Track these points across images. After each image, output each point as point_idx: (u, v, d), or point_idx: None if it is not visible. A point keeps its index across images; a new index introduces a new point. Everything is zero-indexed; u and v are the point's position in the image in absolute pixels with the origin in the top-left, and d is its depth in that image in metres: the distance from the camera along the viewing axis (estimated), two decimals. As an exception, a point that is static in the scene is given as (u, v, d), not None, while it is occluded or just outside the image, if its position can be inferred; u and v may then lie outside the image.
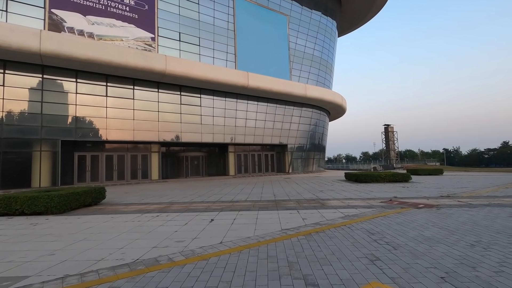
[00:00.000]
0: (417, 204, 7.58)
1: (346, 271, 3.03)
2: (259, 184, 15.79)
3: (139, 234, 4.96)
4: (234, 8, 24.63)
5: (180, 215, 6.67)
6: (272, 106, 26.51)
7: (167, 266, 3.31)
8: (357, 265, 3.19)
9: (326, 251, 3.73)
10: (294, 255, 3.58)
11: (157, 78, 19.48)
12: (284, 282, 2.79)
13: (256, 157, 26.70)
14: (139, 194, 11.79)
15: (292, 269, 3.11)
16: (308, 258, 3.45)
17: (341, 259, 3.39)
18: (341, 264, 3.22)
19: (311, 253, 3.64)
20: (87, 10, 18.01)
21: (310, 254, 3.60)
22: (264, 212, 6.84)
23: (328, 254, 3.61)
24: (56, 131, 16.67)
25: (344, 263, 3.27)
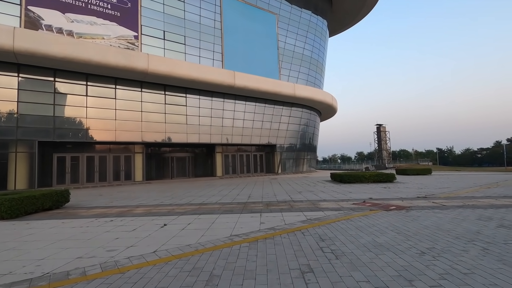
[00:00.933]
0: (389, 205, 7.26)
1: (266, 286, 2.68)
2: (241, 185, 15.43)
3: (74, 242, 4.58)
4: (221, 6, 24.27)
5: (135, 220, 6.29)
6: (261, 106, 26.17)
7: (71, 282, 2.93)
8: (283, 279, 2.84)
9: (260, 261, 3.38)
10: (222, 267, 3.22)
11: (140, 77, 19.06)
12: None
13: (244, 158, 26.34)
14: (112, 197, 11.37)
15: (207, 285, 2.75)
16: (235, 271, 3.10)
17: (270, 271, 3.04)
18: (266, 278, 2.87)
19: (242, 264, 3.29)
20: (66, 7, 17.56)
21: (240, 266, 3.25)
22: (225, 215, 6.48)
23: (260, 265, 3.26)
24: (33, 131, 16.19)
25: (270, 276, 2.92)
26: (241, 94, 24.17)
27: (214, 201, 8.97)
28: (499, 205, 7.00)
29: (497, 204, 7.16)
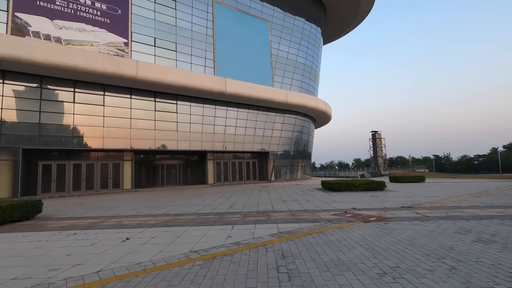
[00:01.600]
0: (369, 216, 6.98)
1: (196, 316, 2.39)
2: (229, 193, 15.11)
3: (21, 260, 4.26)
4: (213, 14, 24.29)
5: (100, 233, 5.98)
6: (253, 113, 26.00)
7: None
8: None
9: (205, 284, 3.08)
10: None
11: (129, 84, 18.88)
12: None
13: (237, 165, 26.03)
14: (91, 207, 11.03)
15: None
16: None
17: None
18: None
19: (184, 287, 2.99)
20: (54, 14, 17.46)
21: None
22: (196, 228, 6.18)
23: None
24: (16, 139, 15.89)
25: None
26: (233, 101, 24.02)
27: (192, 212, 8.66)
28: (483, 216, 6.73)
29: (481, 214, 6.89)
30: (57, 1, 17.56)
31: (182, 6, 22.56)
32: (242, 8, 26.22)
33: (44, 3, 17.13)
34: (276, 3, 28.77)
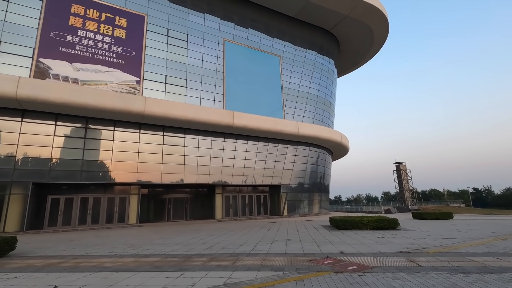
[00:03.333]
0: (350, 265, 5.90)
1: None
2: (226, 231, 14.26)
3: None
4: (223, 51, 25.31)
5: (40, 277, 5.53)
6: (263, 145, 25.59)
7: None
8: None
9: None
10: None
11: (137, 119, 19.54)
12: None
13: (246, 199, 25.16)
14: (76, 243, 10.77)
15: None
16: None
17: None
18: None
19: None
20: (74, 58, 19.02)
21: None
22: (144, 273, 5.52)
23: None
24: (28, 173, 16.63)
25: None
26: (242, 133, 23.92)
27: (163, 252, 8.01)
28: (493, 268, 5.39)
29: (491, 266, 5.54)
30: (77, 46, 19.24)
31: (193, 45, 23.80)
32: (252, 44, 27.14)
33: (66, 48, 18.81)
34: (287, 39, 29.54)
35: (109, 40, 20.41)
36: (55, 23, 18.81)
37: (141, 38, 21.63)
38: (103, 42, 20.13)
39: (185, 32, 23.78)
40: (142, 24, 21.99)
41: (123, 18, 21.33)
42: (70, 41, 19.04)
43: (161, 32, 22.61)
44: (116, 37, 20.74)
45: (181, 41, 23.40)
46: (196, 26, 24.31)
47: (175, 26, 23.36)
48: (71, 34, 19.22)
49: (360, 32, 32.04)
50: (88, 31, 19.77)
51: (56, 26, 18.81)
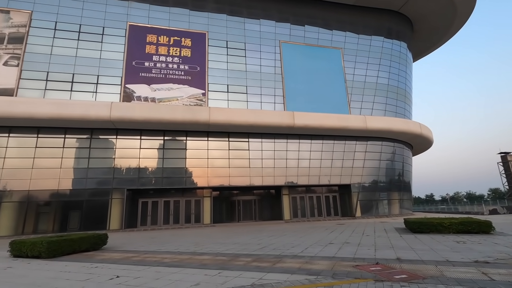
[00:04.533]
0: (400, 273, 5.23)
1: None
2: (290, 231, 14.25)
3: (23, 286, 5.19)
4: (280, 53, 25.49)
5: (112, 267, 6.65)
6: (329, 143, 24.59)
7: None
8: None
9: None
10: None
11: (204, 128, 21.32)
12: None
13: (314, 200, 24.54)
14: (155, 240, 12.43)
15: None
16: None
17: None
18: None
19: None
20: (151, 80, 22.03)
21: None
22: (189, 270, 6.07)
23: None
24: (123, 181, 19.96)
25: None
26: (304, 133, 23.56)
27: (218, 251, 8.58)
28: None
29: None
30: (153, 70, 22.23)
31: (251, 52, 24.71)
32: (310, 42, 26.53)
33: (144, 73, 21.95)
34: (348, 29, 27.87)
35: (178, 60, 22.92)
36: (135, 53, 22.17)
37: (204, 53, 23.60)
38: (173, 63, 22.72)
39: (243, 41, 24.87)
40: (204, 41, 23.96)
41: (188, 39, 23.66)
42: (147, 66, 22.14)
43: (221, 45, 24.21)
44: (183, 56, 23.14)
45: (240, 50, 24.57)
46: (253, 34, 25.16)
47: (233, 37, 24.68)
48: (148, 60, 22.32)
49: (438, 4, 27.79)
50: (160, 55, 22.65)
51: (136, 55, 22.15)
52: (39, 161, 18.80)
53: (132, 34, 22.62)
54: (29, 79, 19.73)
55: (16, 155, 18.55)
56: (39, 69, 20.06)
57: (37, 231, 18.16)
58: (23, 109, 17.64)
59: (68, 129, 19.67)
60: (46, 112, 17.86)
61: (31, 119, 17.91)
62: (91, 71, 20.92)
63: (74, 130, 19.72)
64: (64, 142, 19.54)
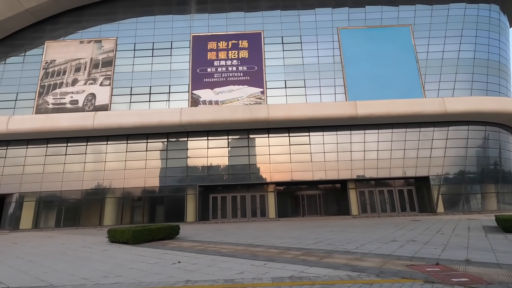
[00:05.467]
0: (459, 276, 4.64)
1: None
2: (354, 227, 13.69)
3: (96, 264, 6.43)
4: (339, 41, 24.33)
5: (178, 254, 7.64)
6: (400, 132, 22.42)
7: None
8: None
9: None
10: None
11: (264, 125, 21.93)
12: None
13: (385, 194, 22.70)
14: (222, 233, 13.53)
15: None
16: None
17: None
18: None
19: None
20: (214, 84, 23.72)
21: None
22: (238, 260, 6.56)
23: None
24: (195, 178, 22.10)
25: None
26: (368, 123, 22.03)
27: (272, 244, 8.90)
28: None
29: None
30: (215, 75, 23.88)
31: (307, 45, 24.27)
32: (372, 23, 24.57)
33: (207, 79, 23.76)
34: (418, 1, 24.76)
35: (236, 62, 24.07)
36: (199, 61, 24.17)
37: (260, 53, 24.19)
38: (232, 65, 23.97)
39: (298, 34, 24.58)
40: (260, 40, 24.55)
41: (245, 40, 24.60)
42: (210, 72, 23.90)
43: (276, 41, 24.43)
44: (241, 58, 24.18)
45: (295, 44, 24.37)
46: (308, 25, 24.62)
47: (288, 31, 24.61)
48: (210, 66, 24.07)
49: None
50: (220, 60, 24.15)
51: (199, 63, 24.12)
52: (130, 163, 22.31)
53: (195, 44, 24.68)
54: (118, 95, 23.52)
55: (113, 159, 22.43)
56: (125, 86, 23.70)
57: (133, 222, 21.63)
58: (114, 120, 21.20)
59: (150, 135, 22.75)
60: (131, 121, 21.06)
61: (121, 128, 21.37)
62: (164, 82, 23.71)
63: (154, 135, 22.70)
64: (147, 146, 22.70)
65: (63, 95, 23.66)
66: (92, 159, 22.49)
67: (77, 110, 22.82)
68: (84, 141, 22.69)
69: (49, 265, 6.82)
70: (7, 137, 22.06)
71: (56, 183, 22.05)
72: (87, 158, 22.48)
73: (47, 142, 22.79)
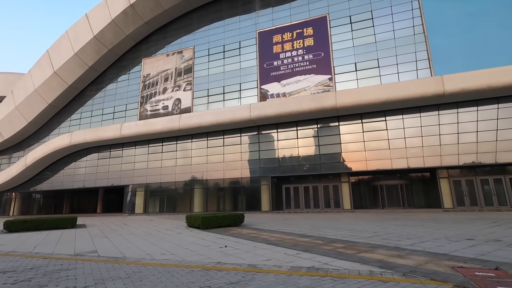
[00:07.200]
0: (509, 284, 3.86)
1: None
2: (434, 222, 12.08)
3: (163, 243, 7.73)
4: (420, 7, 21.14)
5: (231, 240, 8.49)
6: (510, 107, 18.07)
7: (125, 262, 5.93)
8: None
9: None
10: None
11: (333, 113, 21.10)
12: None
13: (492, 184, 18.74)
14: (285, 223, 13.99)
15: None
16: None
17: None
18: None
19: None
20: (280, 77, 24.05)
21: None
22: (277, 248, 6.88)
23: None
24: (267, 170, 23.10)
25: None
26: (462, 99, 18.52)
27: (320, 235, 8.86)
28: None
29: None
30: (281, 67, 24.15)
31: (380, 19, 21.98)
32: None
33: (274, 72, 24.24)
34: None
35: (302, 52, 23.70)
36: (265, 56, 24.83)
37: (326, 38, 23.14)
38: (298, 56, 23.73)
39: (369, 10, 22.45)
40: (326, 24, 23.45)
41: (309, 27, 23.94)
42: (276, 65, 24.29)
43: (343, 22, 22.92)
44: (307, 46, 23.67)
45: (366, 21, 22.34)
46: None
47: (357, 9, 22.73)
48: (276, 59, 24.44)
49: None
50: (286, 52, 24.21)
51: (266, 58, 24.77)
52: (210, 158, 24.98)
53: (261, 39, 25.40)
54: (198, 97, 26.45)
55: (196, 155, 25.55)
56: (203, 88, 26.45)
57: (218, 210, 24.28)
58: (195, 120, 24.03)
59: (225, 131, 24.87)
60: (208, 120, 23.49)
61: (200, 127, 24.09)
62: (235, 81, 25.38)
63: (229, 131, 24.71)
64: (223, 141, 24.91)
65: (157, 102, 28.13)
66: (181, 155, 26.15)
67: (168, 114, 26.80)
68: (174, 140, 26.54)
69: (134, 242, 8.68)
70: (121, 140, 27.78)
71: (156, 176, 26.64)
72: (178, 155, 26.26)
73: (148, 143, 27.66)
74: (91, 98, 31.55)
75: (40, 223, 13.50)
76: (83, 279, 4.64)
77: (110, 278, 4.68)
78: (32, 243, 9.23)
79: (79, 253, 7.17)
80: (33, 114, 31.33)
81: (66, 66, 29.06)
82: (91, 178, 29.44)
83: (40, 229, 13.28)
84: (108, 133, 27.23)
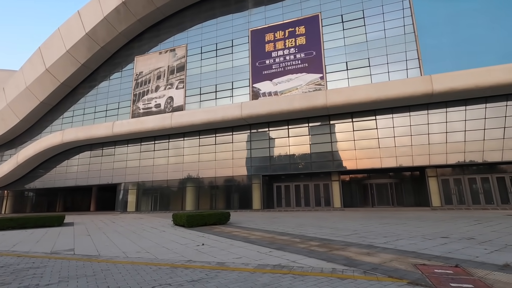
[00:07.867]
0: (466, 281, 3.93)
1: None
2: (417, 220, 12.21)
3: (144, 241, 7.76)
4: (411, 7, 21.19)
5: (211, 238, 8.54)
6: (498, 107, 18.26)
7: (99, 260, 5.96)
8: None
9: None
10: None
11: (324, 112, 21.17)
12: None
13: (478, 182, 18.92)
14: (272, 221, 14.06)
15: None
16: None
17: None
18: None
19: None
20: (272, 75, 24.06)
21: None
22: (254, 246, 6.95)
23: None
24: (258, 168, 23.15)
25: None
26: (451, 99, 18.65)
27: (301, 234, 8.93)
28: None
29: None
30: (273, 66, 24.15)
31: (371, 19, 22.01)
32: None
33: (266, 71, 24.23)
34: None
35: (294, 50, 23.71)
36: (257, 55, 24.81)
37: (318, 37, 23.15)
38: (289, 54, 23.74)
39: (360, 9, 22.48)
40: (318, 23, 23.46)
41: (301, 26, 23.94)
42: (268, 64, 24.29)
43: (335, 21, 22.94)
44: (299, 45, 23.67)
45: (357, 20, 22.38)
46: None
47: (348, 8, 22.76)
48: (268, 58, 24.43)
49: None
50: (278, 50, 24.21)
51: (258, 56, 24.75)
52: (202, 156, 24.98)
53: (254, 38, 25.36)
54: (190, 95, 26.40)
55: (188, 153, 25.54)
56: (195, 87, 26.40)
57: (211, 208, 24.29)
58: (187, 119, 24.00)
59: (217, 129, 24.86)
60: (200, 118, 23.48)
61: (192, 125, 24.07)
62: (227, 80, 25.35)
63: (220, 129, 24.69)
64: (215, 140, 24.91)
65: (149, 100, 28.05)
66: (173, 154, 26.13)
67: (160, 112, 26.73)
68: (166, 138, 26.52)
69: (115, 240, 8.71)
70: (113, 139, 27.69)
71: (149, 174, 26.61)
72: (170, 153, 26.24)
73: (140, 141, 27.61)
74: (84, 95, 31.40)
75: (26, 221, 13.49)
76: (49, 277, 4.67)
77: (76, 276, 4.71)
78: (13, 241, 9.23)
79: (55, 251, 7.19)
80: (25, 112, 31.15)
81: (58, 63, 28.88)
82: (84, 176, 29.36)
83: (26, 228, 13.27)
84: (100, 131, 27.14)
